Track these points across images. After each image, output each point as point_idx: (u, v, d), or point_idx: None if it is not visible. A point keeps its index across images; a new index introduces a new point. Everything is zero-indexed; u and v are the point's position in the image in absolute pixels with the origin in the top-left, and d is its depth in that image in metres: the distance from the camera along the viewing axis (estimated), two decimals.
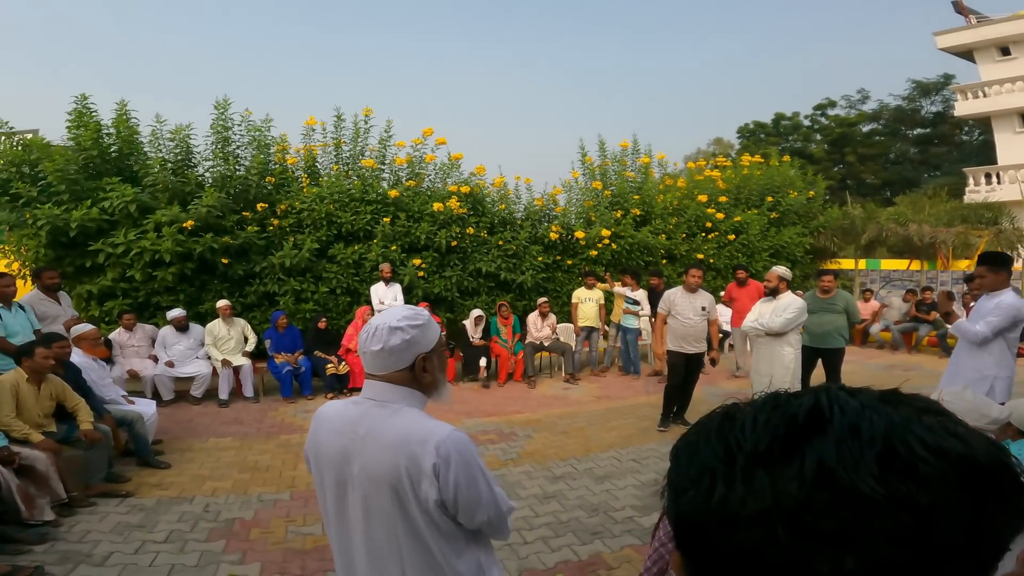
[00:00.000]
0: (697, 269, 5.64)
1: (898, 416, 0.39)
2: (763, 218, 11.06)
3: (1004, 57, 20.84)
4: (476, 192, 8.41)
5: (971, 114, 21.72)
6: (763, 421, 0.42)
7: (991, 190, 18.64)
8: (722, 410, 0.47)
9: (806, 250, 11.57)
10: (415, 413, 1.30)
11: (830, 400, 0.42)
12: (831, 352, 5.99)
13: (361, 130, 8.33)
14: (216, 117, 7.41)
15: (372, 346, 1.29)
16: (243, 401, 6.52)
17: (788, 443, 0.39)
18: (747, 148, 26.94)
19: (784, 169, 12.23)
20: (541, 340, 7.84)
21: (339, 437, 1.32)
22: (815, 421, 0.40)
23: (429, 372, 1.34)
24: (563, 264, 9.04)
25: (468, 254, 8.31)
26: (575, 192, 9.86)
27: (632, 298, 7.85)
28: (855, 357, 9.15)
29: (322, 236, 7.58)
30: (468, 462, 1.24)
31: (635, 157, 10.68)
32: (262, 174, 7.47)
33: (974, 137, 28.33)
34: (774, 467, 0.39)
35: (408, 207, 8.02)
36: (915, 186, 25.04)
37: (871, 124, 31.65)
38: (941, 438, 0.38)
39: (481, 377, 7.44)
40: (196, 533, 3.41)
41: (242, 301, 7.34)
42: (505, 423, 5.86)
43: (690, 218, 10.23)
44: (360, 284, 7.73)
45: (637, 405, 6.58)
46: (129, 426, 4.44)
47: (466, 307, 7.95)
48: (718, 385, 7.38)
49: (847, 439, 0.38)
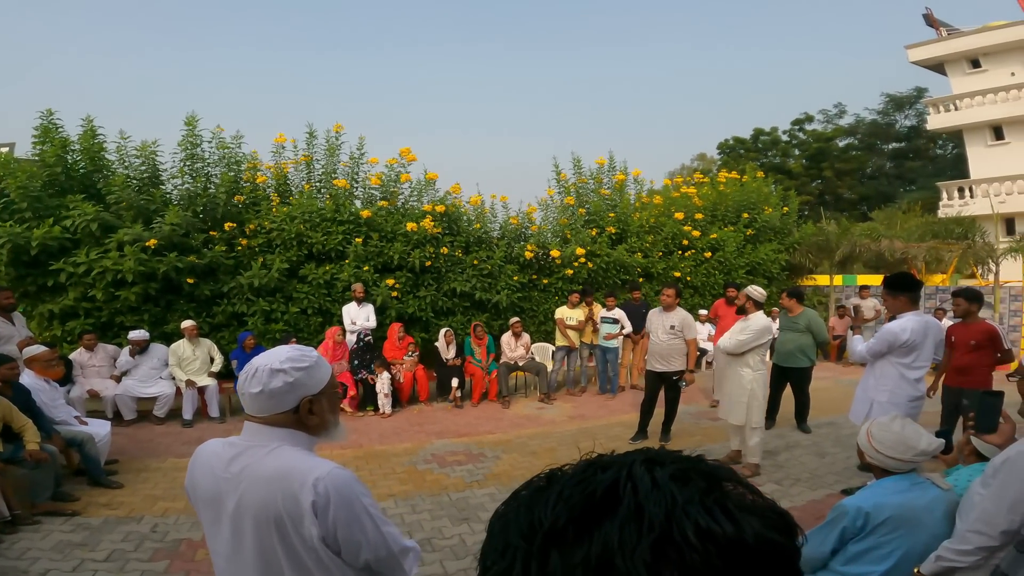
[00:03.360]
0: (669, 288, 5.67)
1: (682, 496, 0.40)
2: (739, 235, 11.16)
3: (975, 69, 20.96)
4: (451, 211, 8.39)
5: (944, 127, 21.74)
6: (566, 497, 0.42)
7: (964, 204, 18.90)
8: (541, 478, 0.47)
9: (782, 267, 11.68)
10: (295, 451, 1.25)
11: (629, 477, 0.42)
12: (796, 372, 6.03)
13: (333, 147, 8.29)
14: (185, 134, 7.33)
15: (251, 388, 1.24)
16: (208, 421, 6.41)
17: (582, 523, 0.40)
18: (727, 164, 27.28)
19: (759, 185, 12.37)
20: (515, 360, 7.79)
21: (212, 475, 1.27)
22: (611, 500, 0.41)
23: (317, 415, 1.29)
24: (539, 283, 9.02)
25: (443, 274, 8.26)
26: (551, 210, 9.88)
27: (611, 317, 7.84)
28: (830, 373, 9.23)
29: (292, 256, 7.49)
30: (349, 501, 1.20)
31: (611, 174, 10.74)
32: (231, 192, 7.39)
33: (948, 151, 28.80)
34: (567, 549, 0.39)
35: (381, 227, 7.96)
36: (891, 201, 25.38)
37: (847, 139, 32.14)
38: (715, 521, 0.38)
39: (454, 397, 7.37)
40: (140, 553, 3.41)
41: (209, 321, 7.21)
42: (475, 443, 5.80)
43: (667, 235, 10.28)
44: (332, 304, 7.64)
45: (610, 425, 6.55)
46: (80, 446, 4.44)
47: (441, 327, 7.89)
48: (695, 403, 7.36)
49: (631, 522, 0.38)
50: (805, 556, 2.03)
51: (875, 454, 2.06)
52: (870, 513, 1.91)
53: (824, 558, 1.99)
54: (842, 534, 1.94)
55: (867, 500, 1.95)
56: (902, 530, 1.87)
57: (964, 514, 1.75)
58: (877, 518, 1.90)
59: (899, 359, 3.78)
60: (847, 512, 1.94)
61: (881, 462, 2.05)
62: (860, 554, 1.90)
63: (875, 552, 1.88)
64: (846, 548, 1.93)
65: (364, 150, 8.40)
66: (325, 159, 8.37)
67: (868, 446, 2.09)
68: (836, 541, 1.95)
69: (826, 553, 1.97)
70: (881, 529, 1.89)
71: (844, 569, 1.92)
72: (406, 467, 5.08)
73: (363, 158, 8.42)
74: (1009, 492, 1.57)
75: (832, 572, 1.96)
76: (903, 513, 1.89)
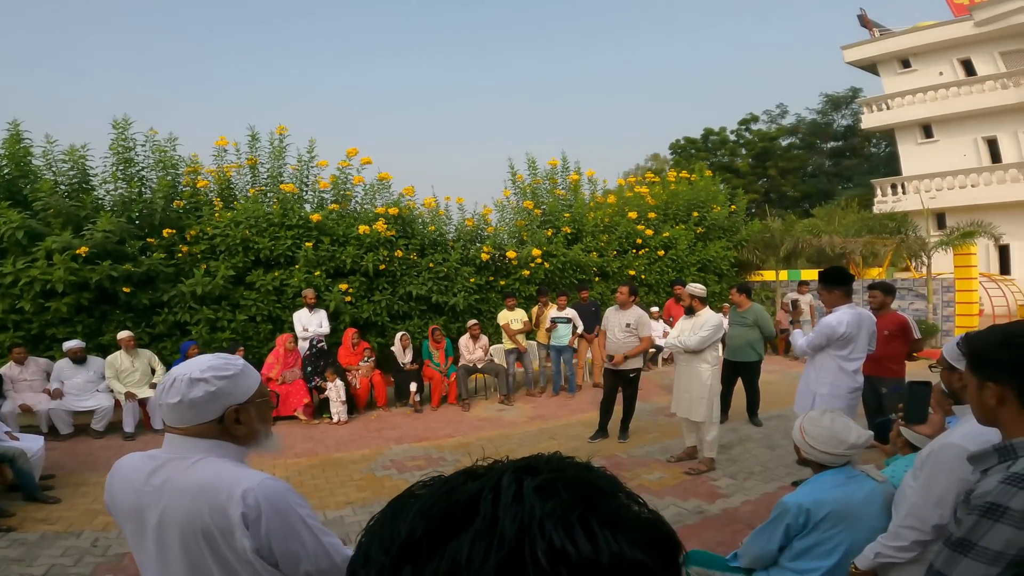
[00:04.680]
0: (624, 286, 5.74)
1: (542, 510, 0.37)
2: (690, 233, 11.45)
3: (905, 69, 21.71)
4: (405, 213, 8.26)
5: (877, 126, 22.46)
6: (427, 507, 0.40)
7: (897, 200, 19.75)
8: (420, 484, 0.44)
9: (731, 263, 12.06)
10: (222, 463, 1.21)
11: (494, 487, 0.39)
12: (745, 366, 6.20)
13: (279, 149, 8.03)
14: (116, 137, 6.96)
15: (169, 399, 1.19)
16: (152, 433, 6.14)
17: (438, 536, 0.37)
18: (679, 164, 27.97)
19: (707, 184, 12.73)
20: (474, 362, 7.74)
21: (132, 490, 1.22)
22: (471, 511, 0.38)
23: (244, 424, 1.25)
24: (496, 285, 8.99)
25: (398, 277, 8.13)
26: (506, 211, 9.87)
27: (563, 317, 7.89)
28: (778, 367, 9.57)
29: (238, 262, 7.21)
30: (283, 512, 1.16)
31: (565, 175, 10.83)
32: (169, 197, 7.05)
33: (882, 149, 30.26)
34: (419, 563, 0.37)
35: (332, 231, 7.76)
36: (831, 198, 26.39)
37: (790, 138, 33.48)
38: (570, 539, 0.36)
39: (413, 402, 7.27)
40: (80, 568, 3.32)
41: (149, 332, 6.88)
42: (435, 448, 5.75)
43: (621, 235, 10.44)
44: (282, 311, 7.40)
45: (570, 424, 6.59)
46: (11, 462, 4.31)
47: (397, 331, 7.76)
48: (651, 401, 7.47)
49: (482, 538, 0.36)
50: (755, 554, 2.08)
51: (809, 449, 2.10)
52: (811, 509, 1.94)
53: (773, 555, 2.02)
54: (787, 531, 1.98)
55: (807, 496, 1.99)
56: (843, 524, 1.91)
57: (898, 507, 1.78)
58: (818, 514, 1.94)
59: (837, 352, 3.91)
60: (789, 509, 1.97)
61: (815, 457, 2.10)
62: (806, 550, 1.94)
63: (820, 548, 1.92)
64: (792, 545, 1.97)
65: (314, 153, 8.18)
66: (271, 162, 8.10)
67: (802, 441, 2.13)
68: (782, 538, 1.98)
69: (774, 551, 2.01)
70: (823, 524, 1.93)
71: (792, 565, 1.96)
72: (364, 474, 4.99)
73: (313, 161, 8.19)
74: (935, 486, 1.58)
75: (782, 569, 2.00)
76: (842, 508, 1.93)
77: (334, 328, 7.39)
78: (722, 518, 3.97)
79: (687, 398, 4.90)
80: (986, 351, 1.25)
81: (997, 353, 1.23)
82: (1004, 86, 18.62)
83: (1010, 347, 1.21)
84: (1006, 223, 15.25)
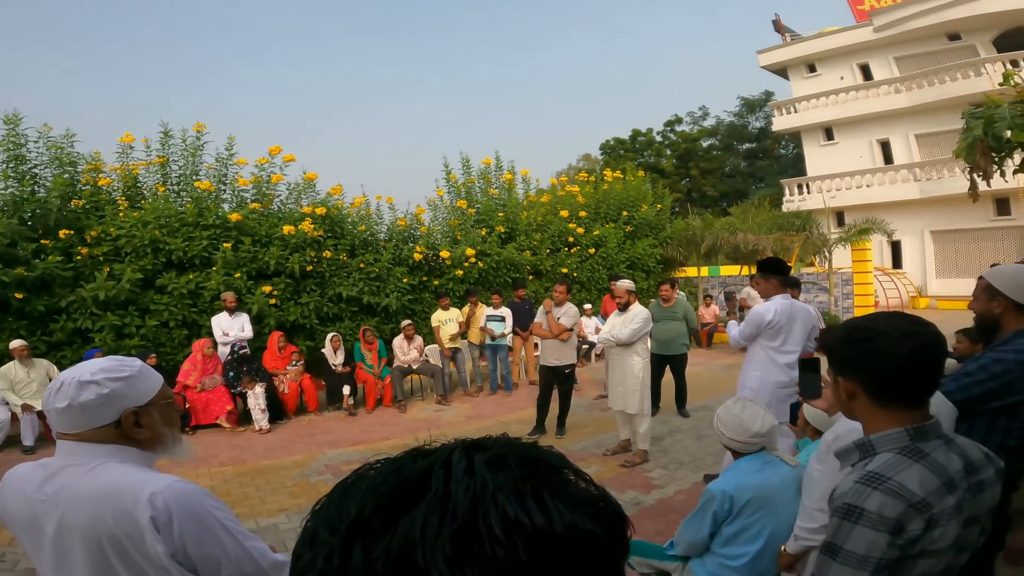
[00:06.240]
0: (561, 284, 5.83)
1: (494, 483, 0.37)
2: (619, 231, 11.81)
3: (811, 74, 22.97)
4: (333, 213, 7.97)
5: (785, 129, 23.68)
6: (376, 485, 0.39)
7: (803, 199, 21.15)
8: (364, 467, 0.43)
9: (657, 260, 12.55)
10: (124, 468, 1.14)
11: (445, 463, 0.39)
12: (675, 359, 6.45)
13: (194, 147, 7.52)
14: (6, 133, 6.32)
15: (56, 403, 1.13)
16: (53, 446, 5.52)
17: (389, 513, 0.37)
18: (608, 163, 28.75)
19: (637, 183, 13.17)
20: (409, 363, 7.61)
21: (25, 499, 1.17)
22: (422, 487, 0.38)
23: (146, 428, 1.18)
24: (429, 285, 8.88)
25: (327, 278, 7.85)
26: (440, 211, 9.77)
27: (497, 315, 7.91)
28: (702, 359, 10.04)
29: (147, 265, 6.70)
30: (197, 514, 1.11)
31: (498, 174, 10.85)
32: (66, 196, 6.45)
33: (790, 150, 32.40)
34: (370, 541, 0.36)
35: (254, 231, 7.37)
36: (745, 197, 28.04)
37: (710, 139, 35.35)
38: (524, 510, 0.36)
39: (347, 405, 7.05)
40: None
41: (47, 340, 6.28)
42: (371, 451, 5.55)
43: (553, 233, 10.60)
44: (199, 315, 6.95)
45: (508, 422, 6.61)
46: None
47: (327, 334, 7.49)
48: (586, 396, 7.62)
49: (435, 511, 0.36)
50: (688, 541, 2.16)
51: (723, 437, 2.21)
52: (734, 496, 2.03)
53: (704, 542, 2.11)
54: (714, 518, 2.07)
55: (729, 483, 2.08)
56: (764, 509, 2.02)
57: (807, 490, 1.82)
58: (740, 500, 2.03)
59: (767, 342, 3.87)
60: (714, 496, 2.06)
61: (728, 444, 2.21)
62: (733, 536, 2.04)
63: (745, 533, 2.02)
64: (721, 531, 2.07)
65: (234, 151, 7.72)
66: (184, 160, 7.57)
67: (717, 430, 2.24)
68: (711, 525, 2.07)
69: (705, 537, 2.10)
70: (746, 510, 2.03)
71: (723, 551, 2.06)
72: (297, 480, 4.80)
73: (232, 159, 7.73)
74: None
75: (714, 555, 2.09)
76: (762, 494, 2.03)
77: (258, 332, 7.04)
78: (658, 508, 4.09)
79: (621, 391, 5.04)
80: (834, 347, 1.23)
81: (842, 349, 1.21)
82: (897, 90, 20.06)
83: (851, 342, 1.19)
84: (898, 220, 16.59)
